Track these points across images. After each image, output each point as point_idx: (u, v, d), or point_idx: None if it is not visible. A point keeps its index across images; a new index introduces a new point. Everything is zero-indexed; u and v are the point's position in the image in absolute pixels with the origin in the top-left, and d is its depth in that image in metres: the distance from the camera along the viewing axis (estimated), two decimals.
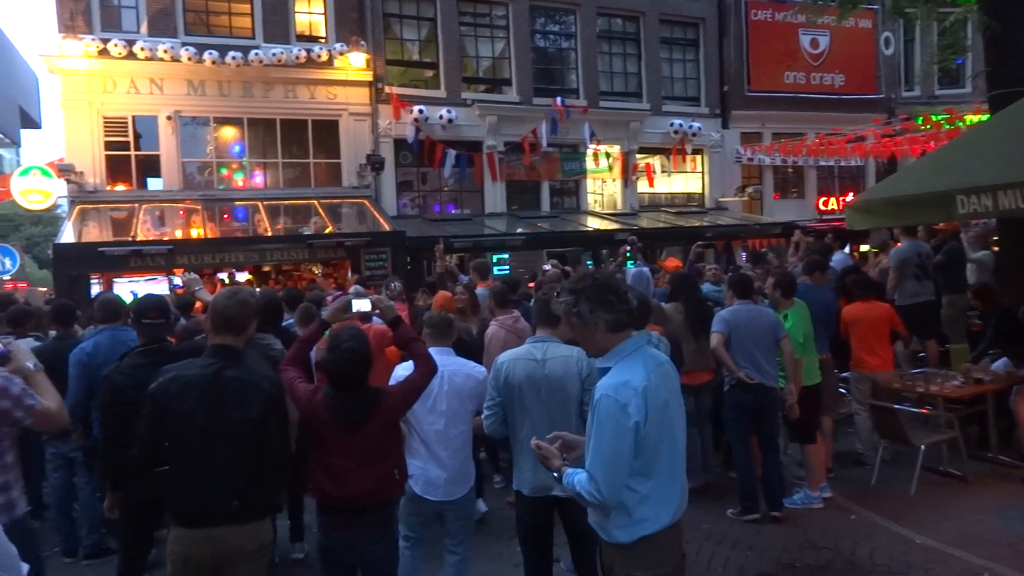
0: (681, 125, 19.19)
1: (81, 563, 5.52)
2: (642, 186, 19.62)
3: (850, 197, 20.01)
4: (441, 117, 16.63)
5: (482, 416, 3.81)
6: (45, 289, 31.94)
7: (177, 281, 11.71)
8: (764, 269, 8.67)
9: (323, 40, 16.23)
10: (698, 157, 20.40)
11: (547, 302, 3.82)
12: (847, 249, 11.04)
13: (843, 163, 20.99)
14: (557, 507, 3.75)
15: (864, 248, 14.55)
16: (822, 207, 21.15)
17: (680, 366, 5.44)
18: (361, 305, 3.75)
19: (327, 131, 16.44)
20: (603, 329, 2.59)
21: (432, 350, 3.79)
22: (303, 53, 15.58)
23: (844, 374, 7.26)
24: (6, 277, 18.55)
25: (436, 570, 4.27)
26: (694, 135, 19.40)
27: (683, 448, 2.72)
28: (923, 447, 6.17)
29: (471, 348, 5.46)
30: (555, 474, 2.70)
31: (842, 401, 7.46)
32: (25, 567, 2.68)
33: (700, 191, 20.72)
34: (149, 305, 4.32)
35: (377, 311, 3.79)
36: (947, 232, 9.50)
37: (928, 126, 16.07)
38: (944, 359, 8.18)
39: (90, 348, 4.97)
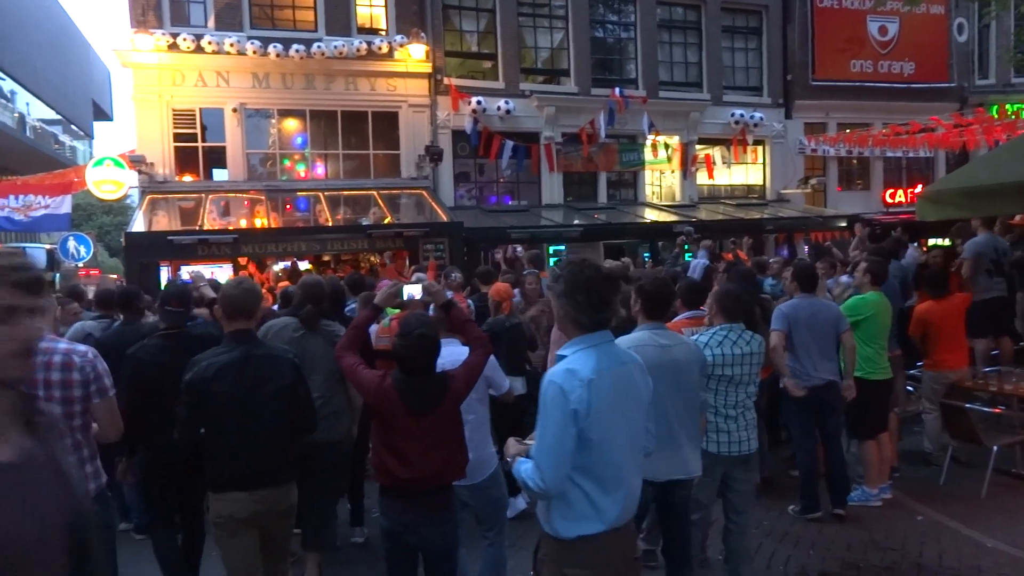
0: (742, 115, 18.82)
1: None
2: (701, 177, 19.33)
3: (919, 189, 19.41)
4: (499, 108, 16.66)
5: None
6: (116, 276, 33.14)
7: (184, 276, 11.78)
8: (828, 262, 8.47)
9: (383, 32, 16.41)
10: (759, 148, 19.99)
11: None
12: (915, 244, 10.70)
13: (911, 154, 20.30)
14: (658, 493, 3.81)
15: (936, 242, 14.07)
16: (889, 200, 20.52)
17: None
18: (413, 291, 3.79)
19: (387, 123, 16.63)
20: (566, 319, 2.61)
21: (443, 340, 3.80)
22: (364, 45, 15.78)
23: (911, 371, 7.06)
24: (80, 264, 19.27)
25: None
26: (755, 125, 19.00)
27: (634, 454, 2.64)
28: (996, 448, 5.97)
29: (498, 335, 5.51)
30: (508, 460, 2.71)
31: (909, 399, 7.26)
32: None
33: (761, 183, 20.32)
34: (171, 295, 4.60)
35: (428, 296, 3.82)
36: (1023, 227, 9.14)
37: (1009, 115, 15.42)
38: (1019, 357, 7.88)
39: None
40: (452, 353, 3.77)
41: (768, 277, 8.34)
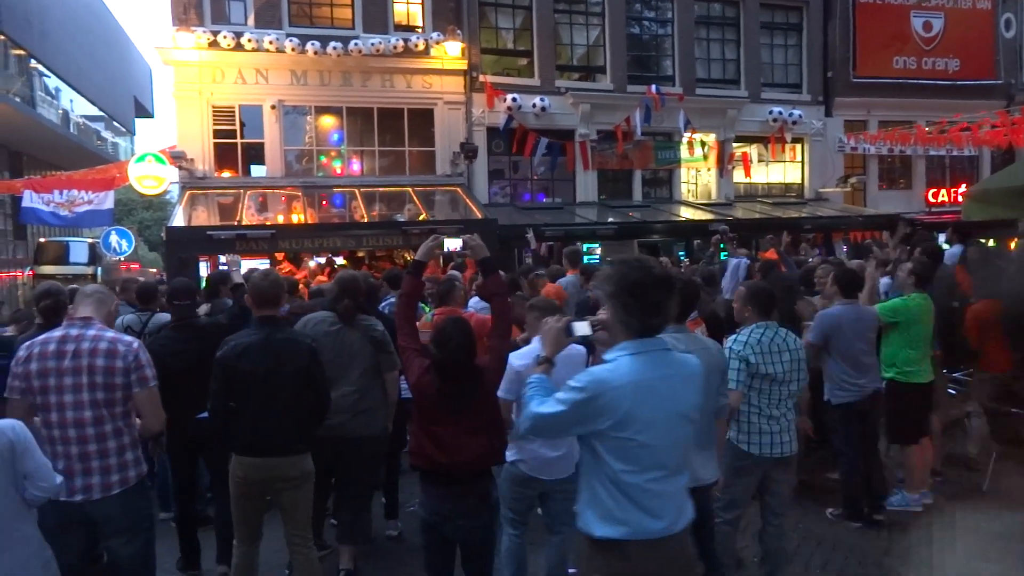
0: (781, 113, 18.57)
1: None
2: (738, 176, 19.13)
3: (963, 188, 19.00)
4: (534, 106, 16.64)
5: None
6: (155, 270, 33.75)
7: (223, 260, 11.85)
8: (879, 260, 8.26)
9: (420, 30, 16.48)
10: (798, 146, 19.71)
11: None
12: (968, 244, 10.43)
13: (955, 153, 19.87)
14: None
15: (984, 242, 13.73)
16: (931, 199, 20.11)
17: None
18: (454, 244, 3.80)
19: (422, 120, 16.71)
20: (615, 321, 2.51)
21: (536, 339, 3.83)
22: (400, 43, 15.86)
23: (955, 373, 6.90)
24: (122, 258, 19.64)
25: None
26: (794, 123, 18.73)
27: (671, 466, 2.50)
28: None
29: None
30: (538, 355, 2.74)
31: (952, 402, 7.09)
32: (59, 478, 2.98)
33: (799, 181, 20.04)
34: (178, 290, 4.89)
35: (468, 251, 3.80)
36: None
37: None
38: None
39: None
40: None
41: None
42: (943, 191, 20.22)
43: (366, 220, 14.64)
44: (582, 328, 2.87)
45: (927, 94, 19.67)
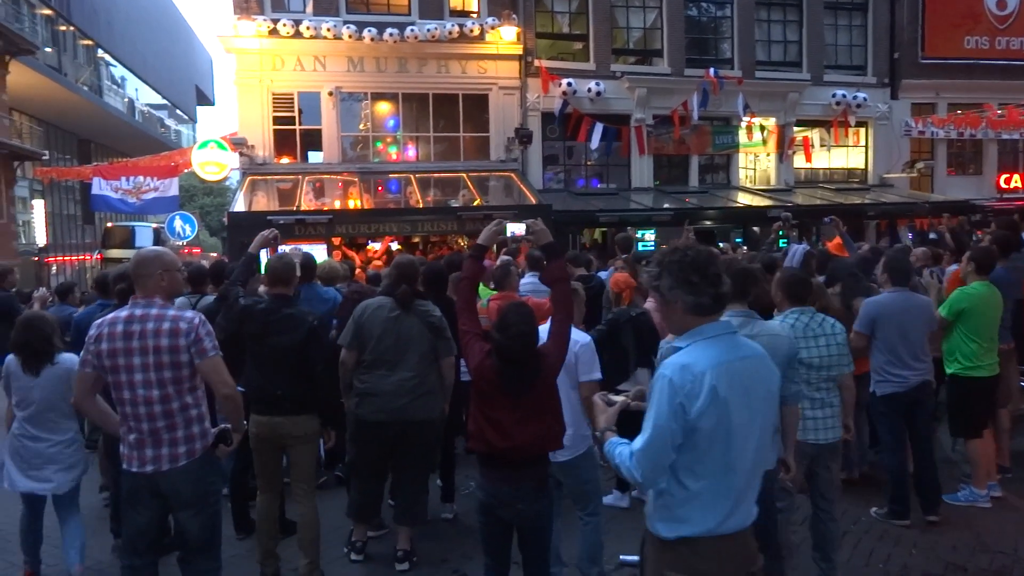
0: (844, 96, 18.01)
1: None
2: (798, 161, 18.66)
3: None
4: (589, 90, 16.49)
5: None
6: (216, 254, 34.58)
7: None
8: (932, 252, 8.01)
9: (475, 15, 16.46)
10: (861, 130, 19.14)
11: (743, 274, 3.70)
12: None
13: None
14: None
15: None
16: (1003, 185, 19.31)
17: None
18: (516, 228, 3.80)
19: (477, 105, 16.72)
20: (681, 309, 2.42)
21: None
22: (456, 28, 15.87)
23: None
24: (184, 242, 20.17)
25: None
26: (858, 106, 18.15)
27: (748, 457, 2.43)
28: None
29: (654, 329, 5.35)
30: (596, 433, 2.57)
31: (1022, 395, 6.83)
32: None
33: (863, 166, 19.47)
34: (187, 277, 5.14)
35: (531, 235, 3.80)
36: None
37: None
38: None
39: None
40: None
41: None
42: (1015, 176, 19.39)
43: (421, 206, 14.75)
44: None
45: (1000, 75, 18.88)
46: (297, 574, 4.46)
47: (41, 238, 26.44)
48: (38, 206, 27.05)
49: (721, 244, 10.40)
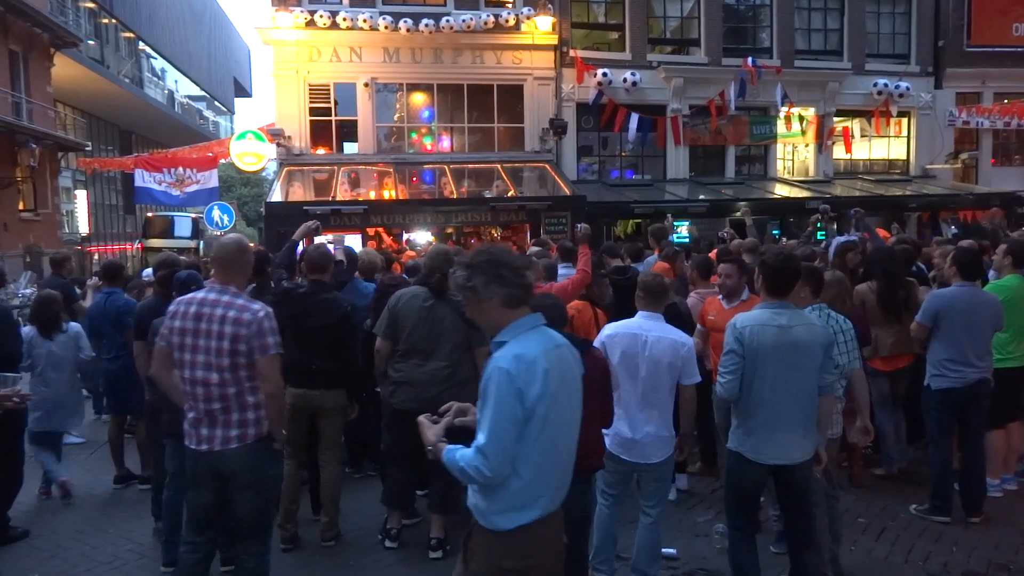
0: (886, 85, 17.62)
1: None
2: (838, 152, 18.33)
3: None
4: (625, 80, 16.36)
5: (719, 378, 3.73)
6: (253, 244, 35.04)
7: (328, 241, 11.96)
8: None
9: (511, 5, 16.40)
10: (904, 120, 18.71)
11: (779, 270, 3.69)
12: None
13: None
14: (772, 474, 3.73)
15: None
16: None
17: (864, 348, 5.01)
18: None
19: (511, 96, 16.68)
20: (498, 304, 2.50)
21: (641, 314, 4.05)
22: (491, 18, 15.83)
23: None
24: (223, 232, 20.47)
25: (632, 533, 4.30)
26: (900, 96, 17.75)
27: (572, 438, 2.59)
28: None
29: (684, 319, 5.27)
30: (429, 448, 2.61)
31: None
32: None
33: (904, 157, 19.06)
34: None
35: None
36: None
37: None
38: None
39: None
40: (656, 329, 4.01)
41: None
42: None
43: (455, 196, 14.78)
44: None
45: None
46: (319, 527, 5.00)
47: (84, 227, 27.03)
48: (81, 196, 27.67)
49: (721, 233, 10.23)
